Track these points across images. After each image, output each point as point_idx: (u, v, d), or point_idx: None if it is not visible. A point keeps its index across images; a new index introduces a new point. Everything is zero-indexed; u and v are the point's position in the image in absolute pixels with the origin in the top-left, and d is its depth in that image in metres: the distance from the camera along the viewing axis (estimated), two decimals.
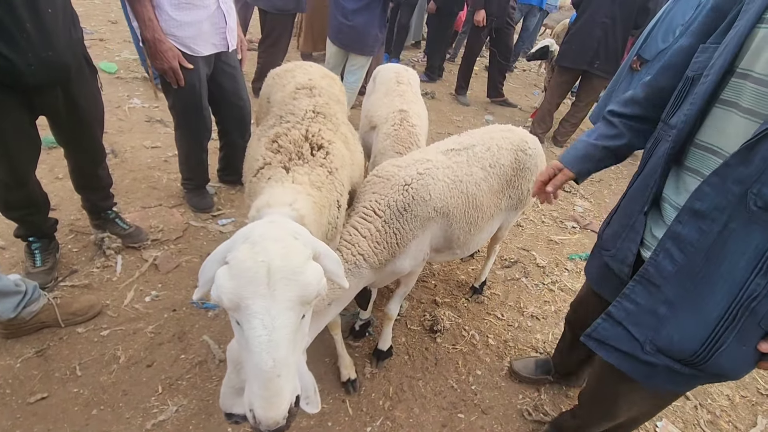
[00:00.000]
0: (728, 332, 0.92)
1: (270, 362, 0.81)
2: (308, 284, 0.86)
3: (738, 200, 0.85)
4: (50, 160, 2.89)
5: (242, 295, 0.82)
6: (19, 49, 1.47)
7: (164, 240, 2.48)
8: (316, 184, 1.23)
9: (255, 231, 0.89)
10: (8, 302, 1.68)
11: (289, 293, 0.84)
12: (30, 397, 1.64)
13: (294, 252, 0.87)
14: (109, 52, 4.90)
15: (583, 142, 1.37)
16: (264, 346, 0.81)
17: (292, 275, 0.85)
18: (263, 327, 0.82)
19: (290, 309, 0.85)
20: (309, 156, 1.30)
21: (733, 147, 0.86)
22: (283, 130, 1.37)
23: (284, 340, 0.83)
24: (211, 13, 2.17)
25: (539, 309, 2.52)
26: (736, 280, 0.88)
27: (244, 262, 0.83)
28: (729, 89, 0.91)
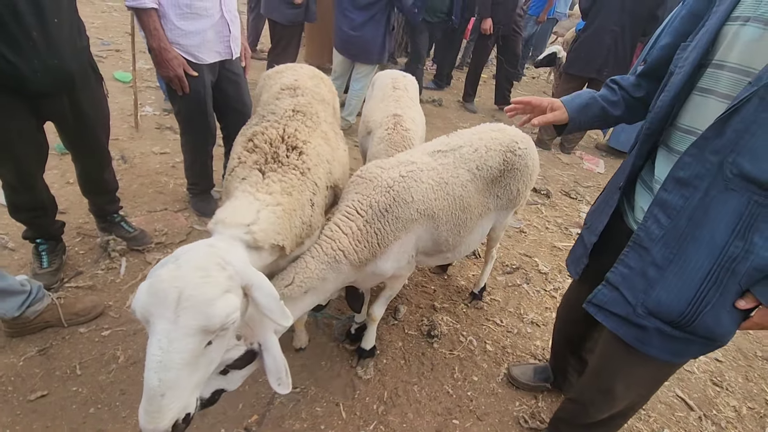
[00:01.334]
0: (712, 292, 0.99)
1: (156, 381, 0.85)
2: (213, 316, 0.90)
3: (716, 169, 0.94)
4: (62, 166, 2.99)
5: (150, 312, 0.88)
6: (25, 56, 1.54)
7: (168, 243, 2.53)
8: (287, 190, 1.27)
9: (186, 254, 0.95)
10: (13, 301, 1.73)
11: (191, 321, 0.88)
12: (30, 394, 1.68)
13: (210, 284, 0.92)
14: (125, 62, 5.05)
15: (587, 93, 1.43)
16: (154, 365, 0.86)
17: (199, 305, 0.89)
18: (159, 348, 0.86)
19: (190, 336, 0.89)
20: (284, 158, 1.33)
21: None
22: (260, 129, 1.41)
23: (176, 363, 0.87)
24: (215, 22, 2.23)
25: (540, 315, 2.49)
26: (717, 242, 0.96)
27: (161, 283, 0.89)
28: (707, 78, 1.01)
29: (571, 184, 4.26)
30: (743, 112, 0.89)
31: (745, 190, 0.91)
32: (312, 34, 5.49)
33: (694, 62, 1.00)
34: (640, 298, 1.08)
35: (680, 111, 1.07)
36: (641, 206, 1.17)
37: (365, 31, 3.53)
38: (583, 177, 4.45)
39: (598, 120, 1.42)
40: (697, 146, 0.96)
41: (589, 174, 4.58)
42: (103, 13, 6.78)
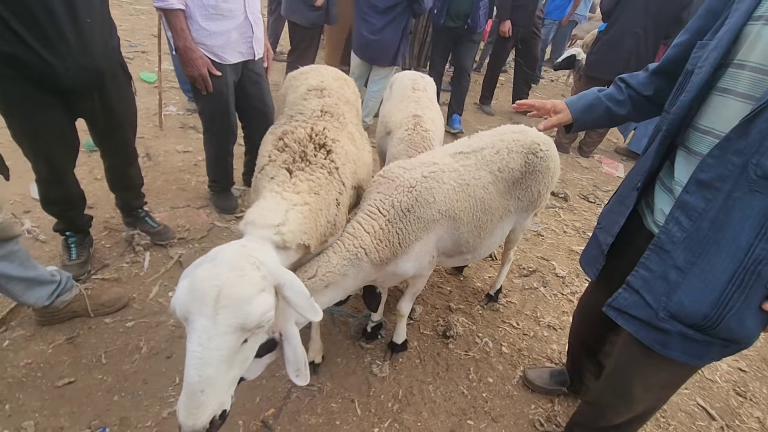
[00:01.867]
0: (736, 295, 0.97)
1: (196, 378, 0.88)
2: (251, 314, 0.93)
3: (739, 170, 0.92)
4: (91, 163, 3.09)
5: (190, 311, 0.90)
6: (59, 54, 1.61)
7: (190, 239, 2.60)
8: (315, 189, 1.29)
9: (222, 254, 0.98)
10: (44, 290, 1.80)
11: (230, 319, 0.91)
12: (58, 380, 1.75)
13: (246, 282, 0.94)
14: (150, 64, 5.20)
15: (593, 93, 1.46)
16: (195, 361, 0.88)
17: (237, 303, 0.91)
18: (198, 344, 0.88)
19: (228, 333, 0.91)
20: (312, 157, 1.36)
21: (731, 127, 0.94)
22: (290, 128, 1.44)
23: (215, 360, 0.90)
24: (239, 23, 2.29)
25: (557, 319, 2.46)
26: (742, 245, 0.95)
27: (200, 281, 0.91)
28: (727, 78, 1.00)
29: (589, 187, 4.20)
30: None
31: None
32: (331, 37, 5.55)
33: (715, 62, 0.99)
34: (662, 301, 1.07)
35: (699, 112, 1.06)
36: (661, 208, 1.16)
37: (384, 34, 3.59)
38: (602, 181, 4.39)
39: (605, 119, 1.45)
40: (720, 147, 0.95)
41: (608, 178, 4.51)
42: (130, 16, 6.98)
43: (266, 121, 2.76)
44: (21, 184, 2.73)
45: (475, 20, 4.31)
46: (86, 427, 1.61)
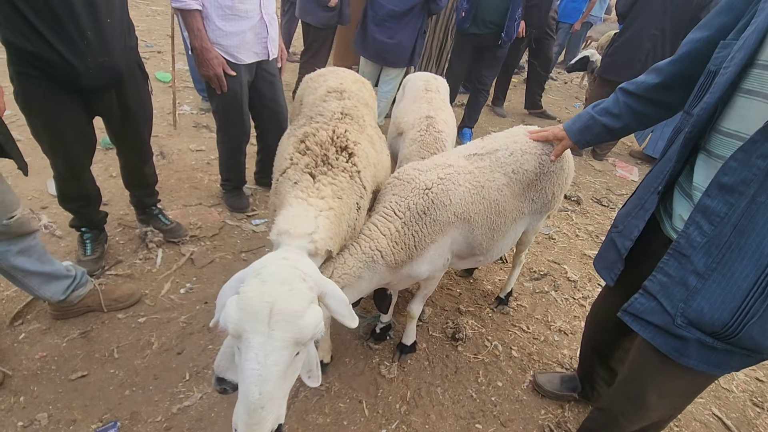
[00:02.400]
0: (759, 303, 0.94)
1: (257, 395, 0.87)
2: (305, 328, 0.92)
3: (764, 174, 0.90)
4: (106, 160, 3.14)
5: (244, 328, 0.89)
6: (80, 54, 1.64)
7: (201, 236, 2.62)
8: (338, 194, 1.28)
9: (267, 268, 0.97)
10: (59, 285, 1.84)
11: (286, 335, 0.90)
12: (72, 374, 1.77)
13: (297, 296, 0.94)
14: (166, 63, 5.27)
15: (587, 113, 1.52)
16: (254, 379, 0.87)
17: (291, 318, 0.91)
18: (257, 362, 0.88)
19: (284, 348, 0.91)
20: (334, 160, 1.35)
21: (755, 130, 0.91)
22: (311, 130, 1.42)
23: (274, 376, 0.89)
24: (254, 24, 2.31)
25: (568, 324, 2.43)
26: (765, 251, 0.92)
27: (251, 298, 0.90)
28: (752, 80, 0.96)
29: (603, 191, 4.15)
30: None
31: None
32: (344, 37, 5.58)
33: (741, 63, 0.96)
34: (680, 307, 1.04)
35: (722, 114, 1.03)
36: (680, 214, 1.13)
37: (402, 37, 3.57)
38: (615, 184, 4.33)
39: (604, 135, 1.50)
40: (744, 150, 0.92)
41: (623, 182, 4.44)
42: (147, 17, 7.10)
43: (279, 121, 2.78)
44: (39, 181, 2.79)
45: (509, 32, 3.88)
46: (98, 421, 1.63)
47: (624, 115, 1.41)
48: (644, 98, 1.36)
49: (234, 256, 2.53)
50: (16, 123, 3.17)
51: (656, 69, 1.32)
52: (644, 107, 1.37)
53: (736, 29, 1.04)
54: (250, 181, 3.15)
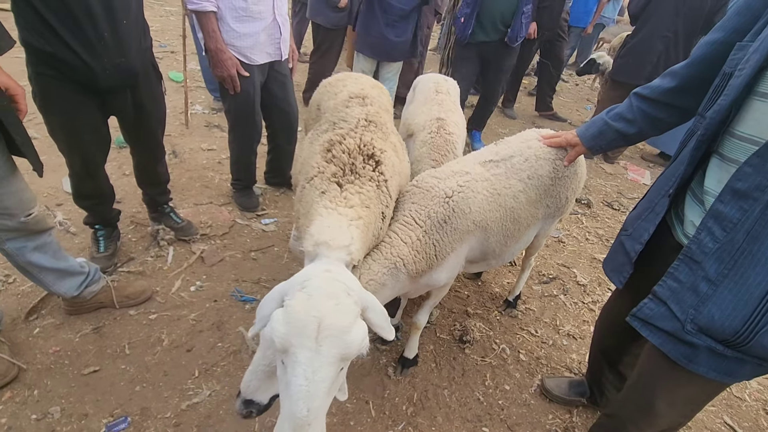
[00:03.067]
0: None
1: (305, 411, 0.85)
2: (352, 343, 0.91)
3: None
4: (120, 158, 3.19)
5: (291, 343, 0.88)
6: (96, 55, 1.67)
7: (212, 235, 2.65)
8: (366, 203, 1.27)
9: (312, 282, 0.95)
10: (73, 281, 1.87)
11: (333, 350, 0.89)
12: (84, 368, 1.81)
13: (345, 311, 0.93)
14: (179, 63, 5.33)
15: (600, 119, 1.51)
16: (302, 395, 0.86)
17: (339, 334, 0.90)
18: (304, 378, 0.86)
19: (331, 364, 0.89)
20: (361, 169, 1.33)
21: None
22: (337, 138, 1.40)
23: (321, 392, 0.88)
24: (267, 25, 2.33)
25: (577, 328, 2.41)
26: None
27: (297, 313, 0.89)
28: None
29: (614, 194, 4.10)
30: None
31: None
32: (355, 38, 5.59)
33: (757, 65, 0.94)
34: (690, 314, 1.03)
35: (736, 117, 1.01)
36: (691, 220, 1.12)
37: (409, 33, 3.62)
38: (627, 188, 4.28)
39: (619, 141, 1.49)
40: (760, 155, 0.91)
41: (634, 185, 4.39)
42: (161, 17, 7.19)
43: (290, 122, 2.80)
44: (54, 179, 2.84)
45: (515, 30, 3.38)
46: (109, 415, 1.66)
47: (638, 120, 1.39)
48: (659, 102, 1.34)
49: (243, 255, 2.55)
50: (32, 122, 3.23)
51: (671, 72, 1.30)
52: (659, 112, 1.35)
53: (753, 31, 1.02)
54: (260, 181, 3.18)
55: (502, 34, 3.40)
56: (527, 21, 3.40)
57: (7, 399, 1.66)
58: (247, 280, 2.37)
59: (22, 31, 1.60)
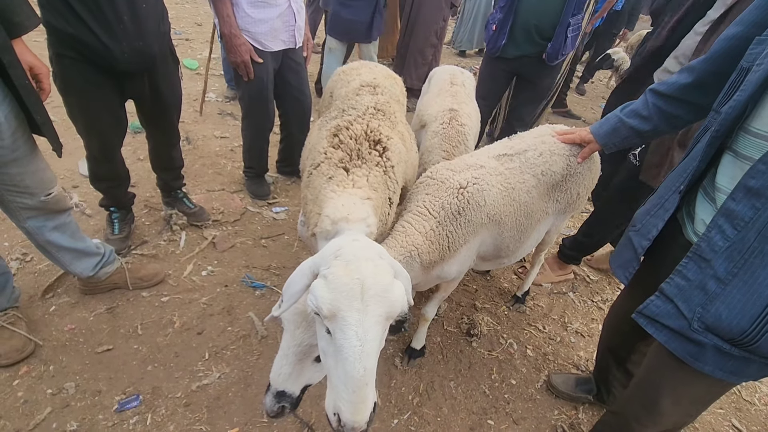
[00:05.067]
0: None
1: (361, 371, 0.87)
2: (395, 301, 0.93)
3: None
4: (135, 143, 3.23)
5: (339, 307, 0.89)
6: (116, 38, 1.68)
7: (223, 221, 2.68)
8: (374, 186, 1.28)
9: (345, 249, 0.97)
10: (89, 261, 1.91)
11: (379, 309, 0.91)
12: (98, 347, 1.85)
13: (383, 272, 0.95)
14: (193, 51, 5.37)
15: (615, 116, 1.49)
16: (357, 355, 0.87)
17: (382, 293, 0.92)
18: (357, 338, 0.88)
19: (379, 323, 0.91)
20: (367, 155, 1.34)
21: None
22: (344, 123, 1.42)
23: (374, 350, 0.90)
24: (282, 11, 2.33)
25: (585, 326, 2.40)
26: None
27: (341, 278, 0.91)
28: None
29: None
30: None
31: None
32: None
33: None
34: (698, 312, 1.02)
35: (752, 113, 0.99)
36: (702, 218, 1.10)
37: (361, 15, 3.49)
38: None
39: (633, 138, 1.47)
40: None
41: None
42: (176, 4, 7.21)
43: (303, 110, 2.80)
44: (71, 161, 2.88)
45: (556, 44, 2.61)
46: (122, 393, 1.70)
47: (654, 117, 1.37)
48: (676, 99, 1.31)
49: (254, 242, 2.57)
50: (51, 104, 3.26)
51: (689, 68, 1.27)
52: (675, 108, 1.33)
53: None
54: (272, 170, 3.19)
55: (539, 48, 2.69)
56: (575, 35, 2.63)
57: (23, 373, 1.71)
58: (257, 267, 2.39)
59: (44, 12, 1.62)
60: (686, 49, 1.88)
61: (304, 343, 1.16)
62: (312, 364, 1.18)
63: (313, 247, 1.38)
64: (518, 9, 2.62)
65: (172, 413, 1.67)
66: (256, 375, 1.84)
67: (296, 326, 1.16)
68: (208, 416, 1.67)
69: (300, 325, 1.17)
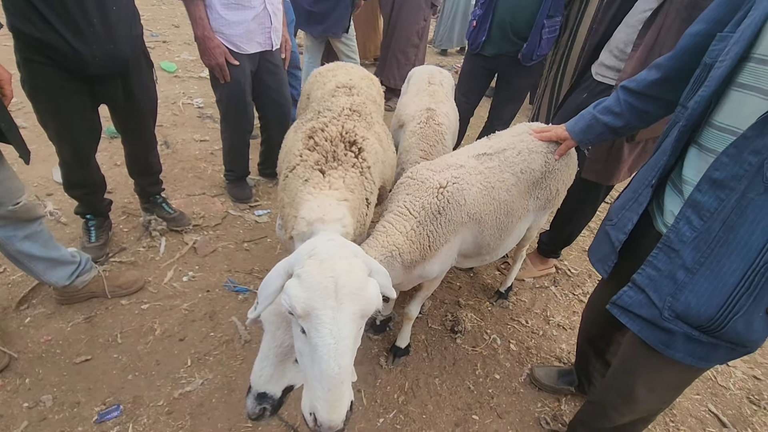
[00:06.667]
0: (745, 298, 0.96)
1: (336, 368, 0.87)
2: (370, 299, 0.94)
3: (755, 170, 0.90)
4: (111, 149, 3.17)
5: (313, 306, 0.90)
6: (86, 41, 1.65)
7: (204, 226, 2.65)
8: (350, 187, 1.29)
9: (319, 248, 0.98)
10: (64, 270, 1.87)
11: (354, 306, 0.92)
12: (76, 357, 1.81)
13: (357, 269, 0.95)
14: (171, 53, 5.28)
15: (589, 113, 1.53)
16: (332, 353, 0.88)
17: (357, 290, 0.92)
18: (331, 336, 0.88)
19: (353, 321, 0.92)
20: (342, 156, 1.35)
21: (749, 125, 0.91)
22: (319, 125, 1.42)
23: (348, 348, 0.91)
24: (258, 13, 2.31)
25: (567, 319, 2.44)
26: (753, 247, 0.92)
27: (314, 277, 0.91)
28: (747, 74, 0.95)
29: None
30: None
31: None
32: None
33: (736, 56, 0.95)
34: (668, 301, 1.05)
35: (716, 107, 1.02)
36: (671, 210, 1.13)
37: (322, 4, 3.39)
38: None
39: (607, 134, 1.50)
40: (737, 146, 0.92)
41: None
42: (152, 6, 7.09)
43: (283, 112, 2.79)
44: (44, 168, 2.81)
45: (531, 45, 2.63)
46: (101, 404, 1.67)
47: (626, 113, 1.41)
48: (645, 95, 1.35)
49: (236, 246, 2.55)
50: (22, 110, 3.19)
51: (656, 65, 1.31)
52: (646, 104, 1.36)
53: (733, 21, 1.03)
54: (254, 172, 3.17)
55: (515, 47, 2.71)
56: (550, 36, 2.64)
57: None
58: (239, 271, 2.37)
59: (10, 17, 1.58)
60: (619, 41, 1.93)
61: (285, 344, 1.15)
62: (293, 365, 1.18)
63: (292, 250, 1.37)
64: (497, 6, 2.64)
65: (155, 422, 1.64)
66: (240, 380, 1.82)
67: (276, 327, 1.16)
68: (192, 423, 1.65)
69: (280, 326, 1.16)
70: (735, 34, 0.99)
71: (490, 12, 2.65)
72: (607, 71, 2.01)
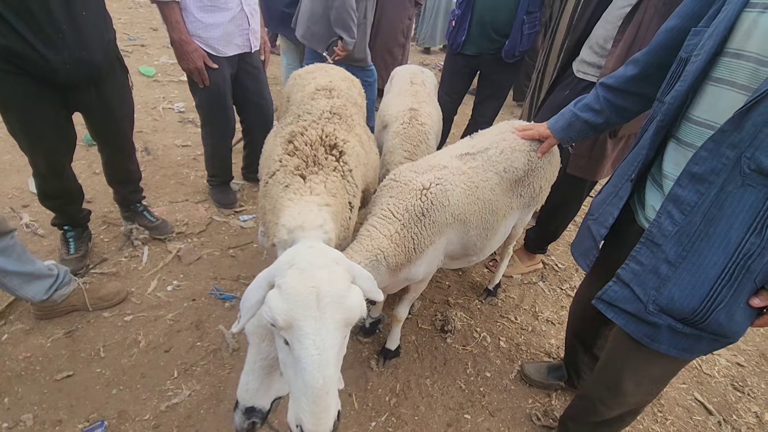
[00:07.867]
0: (726, 290, 0.97)
1: (321, 380, 0.86)
2: (353, 308, 0.92)
3: (733, 164, 0.91)
4: (89, 157, 3.09)
5: (294, 317, 0.88)
6: (55, 49, 1.60)
7: (188, 233, 2.60)
8: (332, 191, 1.26)
9: (300, 257, 0.95)
10: (41, 285, 1.81)
11: (336, 315, 0.90)
12: (57, 374, 1.76)
13: (339, 278, 0.94)
14: (149, 57, 5.18)
15: (569, 111, 1.54)
16: (315, 364, 0.86)
17: (338, 299, 0.91)
18: (314, 347, 0.86)
19: (337, 330, 0.90)
20: (323, 160, 1.32)
21: (725, 119, 0.92)
22: (299, 129, 1.39)
23: (332, 358, 0.89)
24: (234, 15, 2.27)
25: (555, 314, 2.46)
26: (733, 239, 0.94)
27: (294, 287, 0.89)
28: (722, 68, 0.96)
29: None
30: (763, 106, 0.85)
31: (763, 186, 0.88)
32: None
33: (711, 51, 0.96)
34: (652, 295, 1.06)
35: (692, 102, 1.03)
36: (652, 204, 1.14)
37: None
38: None
39: (588, 131, 1.52)
40: (714, 140, 0.93)
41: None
42: (129, 9, 6.95)
43: (264, 115, 2.75)
44: (19, 179, 2.73)
45: (513, 42, 2.65)
46: (85, 421, 1.62)
47: (606, 109, 1.42)
48: (623, 91, 1.36)
49: (222, 253, 2.51)
50: None
51: (634, 60, 1.32)
52: (624, 100, 1.37)
53: (707, 16, 1.04)
54: (238, 177, 3.12)
55: (496, 44, 2.73)
56: (531, 32, 2.65)
57: None
58: (225, 278, 2.33)
59: None
60: (599, 38, 1.95)
61: (270, 356, 1.13)
62: (280, 376, 1.16)
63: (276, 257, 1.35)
64: (475, 5, 2.66)
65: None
66: (229, 389, 1.79)
67: (261, 339, 1.14)
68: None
69: (264, 338, 1.14)
70: (709, 28, 0.99)
71: (469, 11, 2.68)
72: (588, 68, 2.03)
